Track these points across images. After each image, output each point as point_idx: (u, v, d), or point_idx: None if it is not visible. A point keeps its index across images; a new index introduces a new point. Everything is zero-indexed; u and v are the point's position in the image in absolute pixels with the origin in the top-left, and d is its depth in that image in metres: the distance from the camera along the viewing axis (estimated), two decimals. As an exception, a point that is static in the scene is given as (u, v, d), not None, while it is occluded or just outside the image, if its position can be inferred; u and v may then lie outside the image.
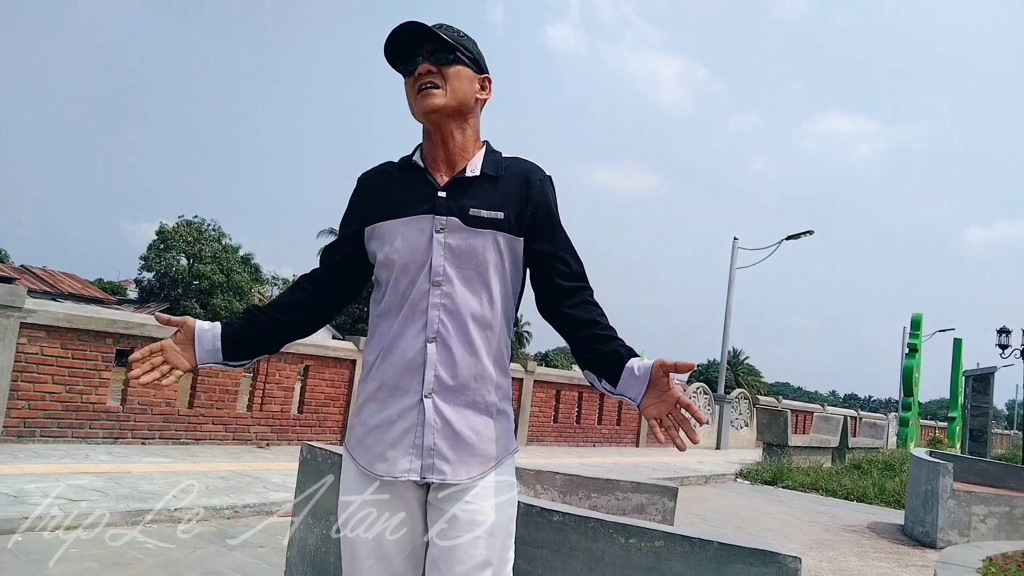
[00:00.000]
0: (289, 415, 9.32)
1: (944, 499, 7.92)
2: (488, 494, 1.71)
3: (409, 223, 1.74)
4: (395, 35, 1.73)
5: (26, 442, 7.10)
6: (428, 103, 1.71)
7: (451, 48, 1.73)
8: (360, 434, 1.77)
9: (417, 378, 1.70)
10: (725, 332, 19.15)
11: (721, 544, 2.50)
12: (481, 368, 1.73)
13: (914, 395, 19.16)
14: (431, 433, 1.69)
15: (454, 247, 1.72)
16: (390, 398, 1.73)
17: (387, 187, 1.82)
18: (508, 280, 1.78)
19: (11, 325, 6.96)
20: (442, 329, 1.71)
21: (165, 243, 46.90)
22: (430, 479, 1.69)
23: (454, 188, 1.75)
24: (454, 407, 1.71)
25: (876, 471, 12.81)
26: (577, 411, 14.48)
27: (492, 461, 1.74)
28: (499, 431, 1.77)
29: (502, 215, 1.74)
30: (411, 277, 1.73)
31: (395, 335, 1.73)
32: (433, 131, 1.78)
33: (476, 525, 1.67)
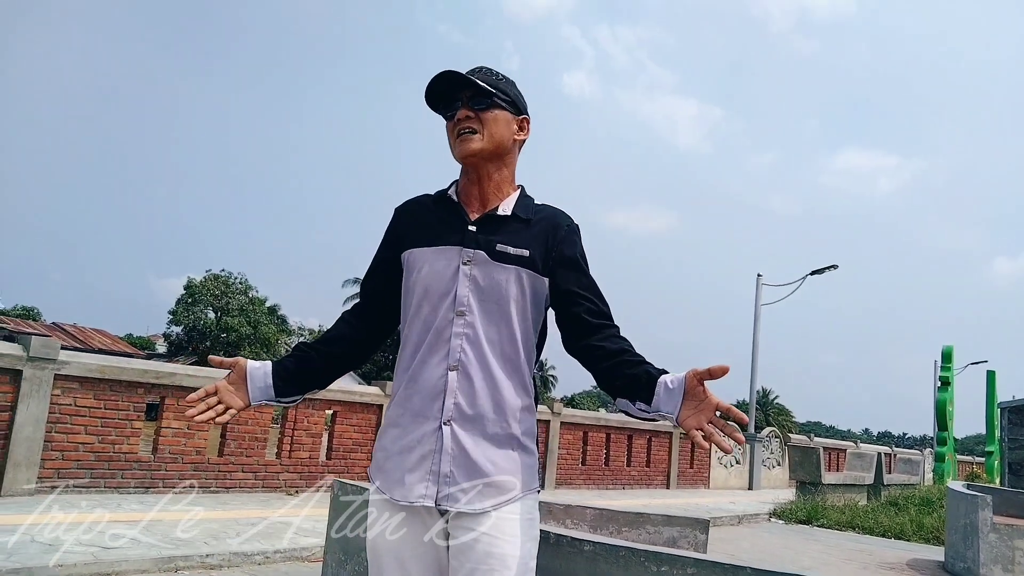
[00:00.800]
0: (318, 461, 9.34)
1: (985, 533, 7.74)
2: (505, 526, 1.71)
3: (438, 252, 1.79)
4: (434, 83, 1.80)
5: (59, 492, 7.17)
6: (466, 148, 1.79)
7: (488, 94, 1.80)
8: (381, 459, 1.81)
9: (437, 405, 1.73)
10: (753, 370, 18.98)
11: (754, 570, 2.48)
12: (501, 399, 1.75)
13: (949, 429, 18.77)
14: (447, 460, 1.71)
15: (479, 279, 1.76)
16: (411, 424, 1.76)
17: (421, 217, 1.89)
18: (528, 317, 1.81)
19: (46, 377, 7.09)
20: (463, 358, 1.74)
21: (193, 297, 47.51)
22: (444, 506, 1.70)
23: (485, 224, 1.81)
24: (472, 436, 1.73)
25: (913, 507, 12.52)
26: (605, 453, 14.36)
27: (510, 494, 1.73)
28: (519, 465, 1.77)
29: (527, 253, 1.79)
30: (434, 305, 1.78)
31: (419, 362, 1.78)
32: (471, 172, 1.85)
33: (491, 557, 1.67)
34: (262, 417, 8.78)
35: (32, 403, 7.00)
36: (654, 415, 1.70)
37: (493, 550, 1.67)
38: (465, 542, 1.69)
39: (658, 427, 15.87)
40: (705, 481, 16.82)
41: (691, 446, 16.52)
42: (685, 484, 16.09)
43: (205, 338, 46.60)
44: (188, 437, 8.11)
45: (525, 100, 1.92)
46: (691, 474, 16.42)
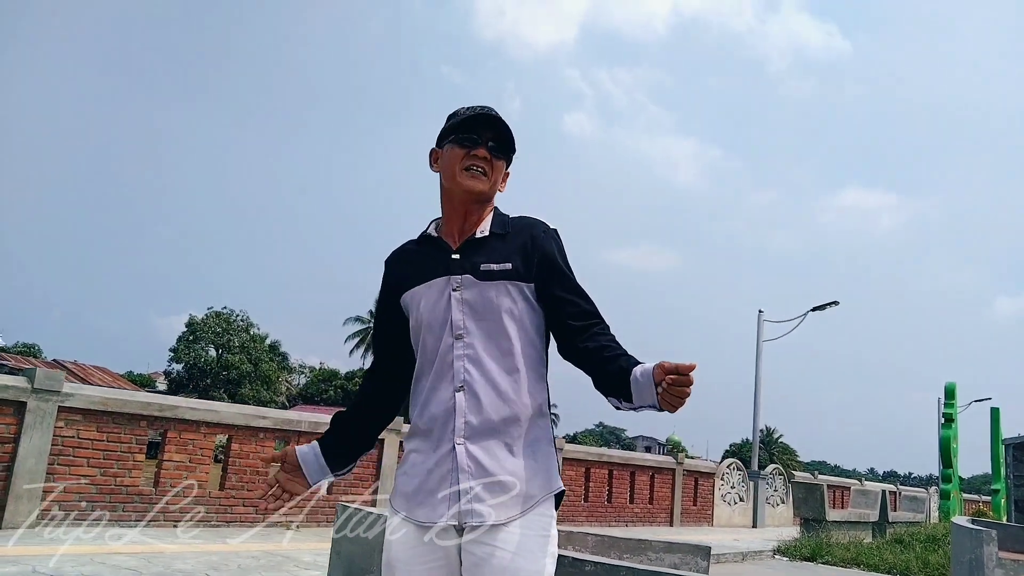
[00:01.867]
0: (318, 496, 9.31)
1: (990, 568, 7.67)
2: (522, 541, 1.73)
3: (430, 287, 1.87)
4: (475, 114, 1.90)
5: (61, 524, 7.15)
6: (473, 185, 1.87)
7: (509, 149, 1.92)
8: (402, 484, 1.86)
9: (450, 426, 1.79)
10: (756, 406, 18.92)
11: (754, 589, 2.50)
12: (508, 411, 1.80)
13: (954, 467, 18.63)
14: (466, 477, 1.75)
15: (470, 301, 1.83)
16: (429, 449, 1.82)
17: (409, 260, 1.97)
18: (527, 324, 1.87)
19: (49, 409, 7.11)
20: (467, 378, 1.80)
21: (194, 335, 47.54)
22: (469, 522, 1.73)
23: (466, 249, 1.88)
24: (485, 450, 1.77)
25: (919, 544, 12.40)
26: (608, 489, 14.26)
27: (530, 500, 1.76)
28: (535, 470, 1.80)
29: (511, 265, 1.85)
30: (436, 335, 1.84)
31: (430, 390, 1.85)
32: (458, 204, 1.91)
33: (506, 571, 1.69)
34: (262, 451, 8.78)
35: (35, 435, 7.02)
36: (643, 411, 1.75)
37: (509, 564, 1.69)
38: (482, 556, 1.71)
39: (661, 464, 15.78)
40: (709, 519, 16.68)
41: (694, 483, 16.42)
42: (689, 521, 15.96)
43: (206, 375, 46.53)
44: (190, 471, 8.10)
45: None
46: (695, 511, 16.29)
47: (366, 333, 55.74)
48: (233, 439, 8.56)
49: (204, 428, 8.26)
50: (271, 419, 8.91)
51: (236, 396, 43.45)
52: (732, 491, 17.31)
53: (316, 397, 51.61)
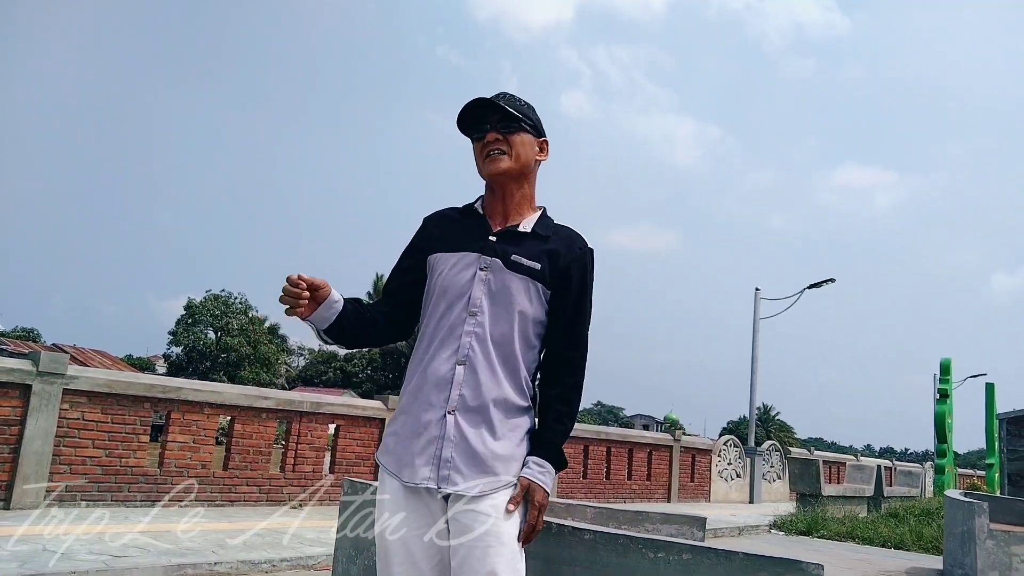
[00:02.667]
0: (321, 475, 9.43)
1: (982, 539, 7.83)
2: (501, 508, 1.85)
3: (460, 258, 1.97)
4: (466, 109, 1.97)
5: (68, 505, 7.27)
6: (495, 167, 1.96)
7: (515, 118, 1.97)
8: (391, 443, 1.97)
9: (444, 395, 1.89)
10: (752, 384, 19.08)
11: (746, 555, 2.60)
12: (502, 393, 1.91)
13: (948, 442, 18.82)
14: (449, 446, 1.86)
15: (492, 284, 1.93)
16: (420, 411, 1.92)
17: (447, 226, 2.06)
18: (536, 322, 1.98)
19: (54, 391, 7.20)
20: (471, 354, 1.90)
21: (193, 317, 47.67)
22: (444, 489, 1.84)
23: (504, 236, 1.98)
24: (473, 425, 1.88)
25: (913, 518, 12.59)
26: (606, 467, 14.42)
27: (506, 479, 1.88)
28: (515, 455, 1.92)
29: (539, 267, 1.95)
30: (450, 304, 1.94)
31: (431, 356, 1.94)
32: (496, 189, 2.03)
33: (488, 535, 1.81)
34: (266, 431, 8.88)
35: (41, 417, 7.11)
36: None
37: (491, 528, 1.81)
38: (465, 522, 1.83)
39: (659, 440, 15.94)
40: (706, 495, 16.87)
41: (692, 460, 16.60)
42: (686, 497, 16.14)
43: (205, 358, 46.68)
44: (194, 451, 8.21)
45: (543, 126, 2.09)
46: (692, 487, 16.47)
47: (364, 315, 55.81)
48: (236, 420, 8.66)
49: (208, 409, 8.36)
50: (273, 400, 9.01)
51: (236, 378, 43.57)
52: (729, 467, 17.49)
53: (315, 379, 51.79)
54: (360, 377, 51.11)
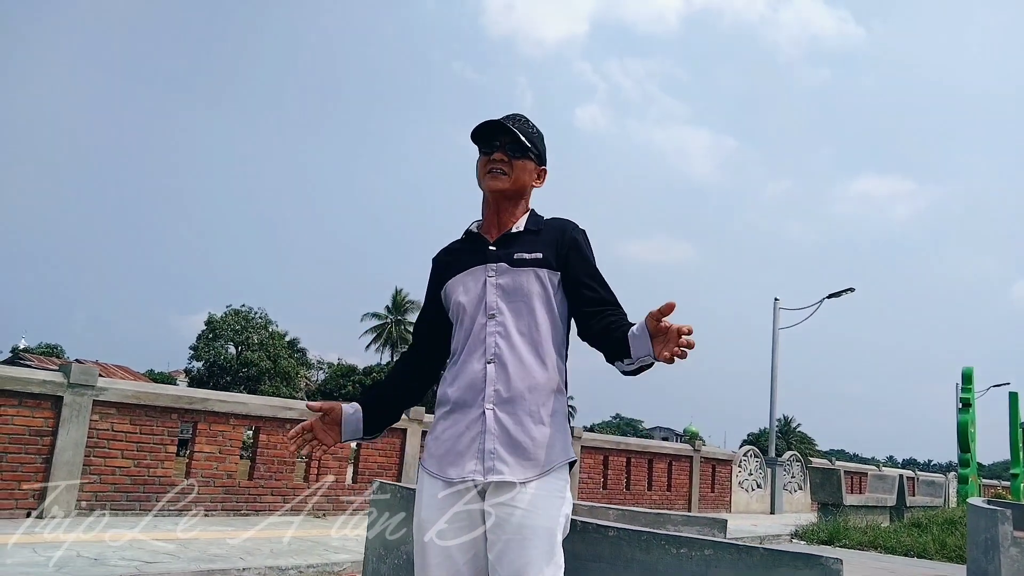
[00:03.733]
0: (344, 485, 9.54)
1: (1006, 547, 7.78)
2: (539, 502, 1.93)
3: (469, 274, 2.12)
4: (482, 127, 2.12)
5: (97, 515, 7.41)
6: (494, 185, 2.11)
7: (524, 148, 2.12)
8: (433, 448, 2.07)
9: (480, 394, 2.01)
10: (772, 393, 19.03)
11: (766, 550, 2.67)
12: (533, 382, 2.02)
13: (972, 451, 18.63)
14: (491, 439, 1.96)
15: (504, 285, 2.07)
16: (459, 414, 2.03)
17: (453, 256, 2.22)
18: (554, 307, 2.10)
19: (85, 403, 7.37)
20: (498, 351, 2.02)
21: (214, 332, 48.08)
22: (491, 479, 1.93)
23: (502, 242, 2.13)
24: (511, 416, 1.98)
25: (936, 527, 12.51)
26: (626, 478, 14.44)
27: (548, 464, 1.98)
28: (554, 439, 2.01)
29: (541, 255, 2.09)
30: (471, 314, 2.08)
31: (463, 363, 2.07)
32: (491, 202, 2.17)
33: (524, 527, 1.89)
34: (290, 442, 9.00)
35: (72, 428, 7.27)
36: (638, 364, 1.91)
37: (527, 521, 1.89)
38: (501, 516, 1.91)
39: (679, 451, 15.93)
40: (727, 505, 16.82)
41: (712, 470, 16.56)
42: (707, 508, 16.10)
43: (226, 372, 47.03)
44: (219, 461, 8.34)
45: (545, 153, 2.23)
46: (712, 498, 16.43)
47: (383, 329, 56.14)
48: (261, 430, 8.80)
49: (233, 420, 8.50)
50: (297, 411, 9.13)
51: (256, 393, 43.83)
52: (750, 478, 17.44)
53: (335, 393, 52.01)
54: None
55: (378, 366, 53.32)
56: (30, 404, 7.10)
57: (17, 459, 6.99)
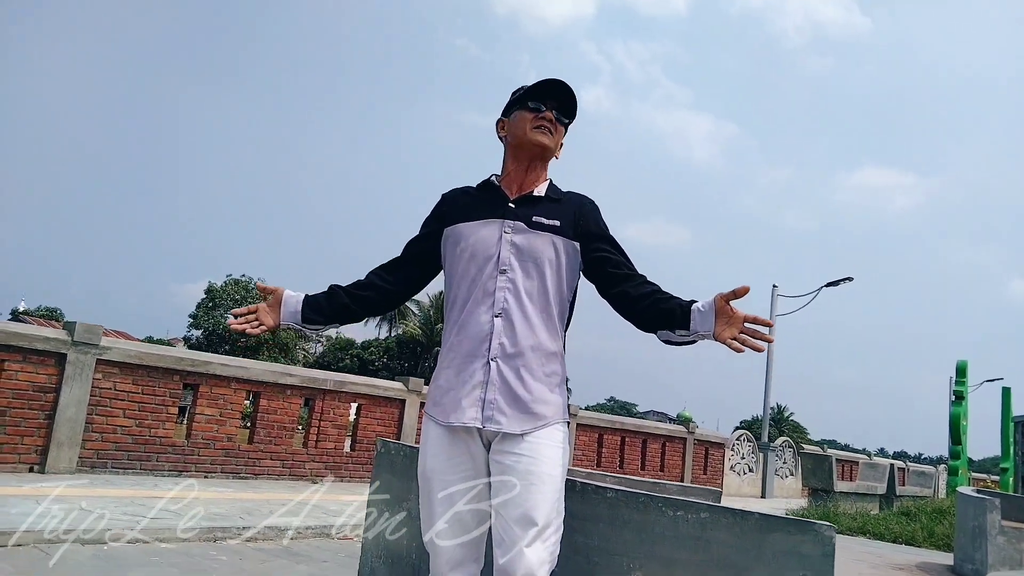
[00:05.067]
0: (342, 452, 9.64)
1: (993, 535, 7.91)
2: (543, 450, 2.02)
3: (484, 224, 2.16)
4: (551, 81, 2.18)
5: (98, 472, 7.50)
6: (540, 139, 2.18)
7: (572, 116, 2.24)
8: (437, 395, 2.15)
9: (485, 345, 2.07)
10: (767, 381, 19.15)
11: (761, 515, 2.74)
12: (536, 340, 2.09)
13: (963, 444, 18.78)
14: (492, 389, 2.04)
15: (518, 244, 2.12)
16: (464, 363, 2.10)
17: (466, 199, 2.26)
18: (563, 275, 2.16)
19: (88, 361, 7.43)
20: (506, 306, 2.08)
21: (213, 301, 48.13)
22: (489, 427, 2.02)
23: (522, 202, 2.19)
24: (513, 370, 2.05)
25: (925, 516, 12.65)
26: (620, 457, 14.56)
27: (544, 420, 2.06)
28: (552, 397, 2.10)
29: (559, 223, 2.16)
30: (480, 266, 2.12)
31: (468, 312, 2.12)
32: (523, 159, 2.22)
33: (531, 474, 1.98)
34: (291, 407, 9.09)
35: (75, 386, 7.34)
36: (693, 337, 2.03)
37: (533, 468, 1.99)
38: (507, 463, 2.00)
39: (673, 432, 16.06)
40: (718, 488, 16.96)
41: (705, 453, 16.70)
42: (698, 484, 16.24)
43: (224, 341, 47.14)
44: (220, 424, 8.43)
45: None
46: (704, 480, 16.58)
47: (381, 303, 56.15)
48: (261, 395, 8.88)
49: (234, 384, 8.58)
50: (298, 377, 9.22)
51: (253, 363, 43.92)
52: (742, 462, 17.59)
53: (332, 365, 52.13)
54: (376, 365, 51.42)
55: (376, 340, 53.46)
56: (34, 360, 7.17)
57: (20, 414, 7.07)
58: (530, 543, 1.93)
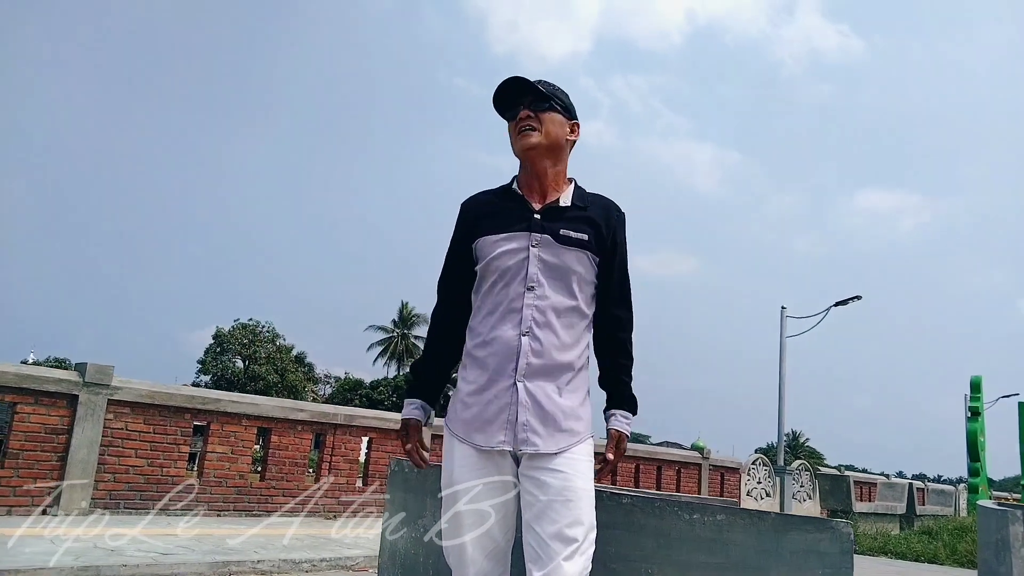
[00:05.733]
0: (354, 487, 9.58)
1: (1017, 548, 7.75)
2: (576, 465, 2.00)
3: (509, 238, 2.09)
4: (502, 88, 2.13)
5: (111, 512, 7.47)
6: (526, 142, 2.10)
7: (546, 98, 2.12)
8: (460, 410, 2.09)
9: (512, 364, 2.02)
10: (780, 400, 18.98)
11: (778, 515, 2.73)
12: (565, 358, 2.06)
13: (981, 460, 18.59)
14: (523, 411, 2.00)
15: (546, 259, 2.06)
16: (488, 381, 2.04)
17: (488, 209, 2.18)
18: (587, 289, 2.14)
19: (100, 402, 7.45)
20: (533, 325, 2.04)
21: (222, 346, 48.22)
22: (524, 450, 1.98)
23: (548, 213, 2.11)
24: (542, 390, 2.02)
25: (947, 534, 12.49)
26: (634, 484, 14.42)
27: (576, 437, 2.04)
28: (581, 412, 2.08)
29: (587, 237, 2.10)
30: (508, 281, 2.07)
31: (493, 327, 2.07)
32: (530, 165, 2.14)
33: (567, 490, 1.95)
34: (302, 443, 9.07)
35: (87, 426, 7.35)
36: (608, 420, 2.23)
37: (568, 484, 1.97)
38: (542, 479, 1.97)
39: (687, 458, 15.93)
40: (735, 514, 16.78)
41: (720, 478, 16.55)
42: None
43: (233, 386, 47.12)
44: (231, 461, 8.40)
45: (575, 109, 2.24)
46: (721, 507, 16.41)
47: (389, 342, 56.20)
48: (272, 431, 8.86)
49: (245, 421, 8.57)
50: (308, 412, 9.20)
51: (263, 406, 43.84)
52: (758, 486, 17.40)
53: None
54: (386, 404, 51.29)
55: (385, 380, 53.34)
56: (46, 402, 7.19)
57: (33, 456, 7.07)
58: (568, 557, 1.91)
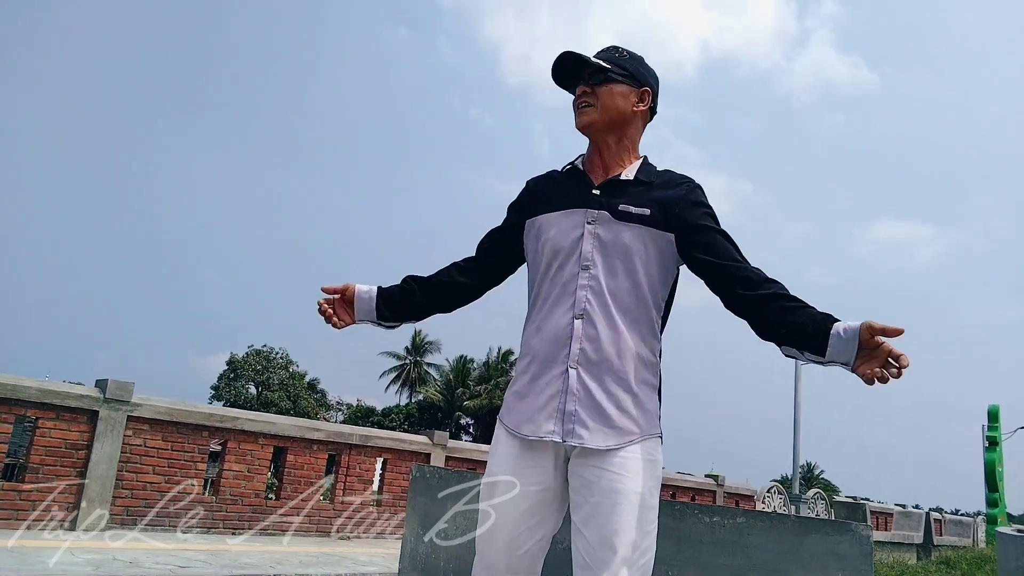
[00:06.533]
0: (369, 507, 9.59)
1: (1036, 574, 7.70)
2: (628, 464, 1.79)
3: (565, 215, 1.95)
4: (556, 65, 2.00)
5: (128, 528, 7.51)
6: (580, 120, 1.98)
7: (603, 69, 1.96)
8: (512, 402, 1.95)
9: (564, 351, 1.86)
10: (795, 426, 18.87)
11: (798, 518, 2.76)
12: (623, 346, 1.85)
13: (1000, 491, 18.38)
14: (573, 400, 1.82)
15: (603, 237, 1.89)
16: (540, 369, 1.90)
17: (549, 187, 2.06)
18: (654, 271, 1.91)
19: (119, 418, 7.52)
20: (588, 307, 1.86)
21: (235, 372, 48.46)
22: (570, 442, 1.81)
23: (608, 188, 1.95)
24: (596, 379, 1.84)
25: (966, 563, 12.32)
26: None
27: (632, 436, 1.82)
28: (639, 410, 1.85)
29: (649, 212, 1.90)
30: (561, 262, 1.92)
31: (547, 313, 1.92)
32: (590, 142, 2.03)
33: (615, 492, 1.75)
34: (317, 463, 9.10)
35: (106, 442, 7.41)
36: (827, 365, 1.73)
37: (617, 485, 1.76)
38: (590, 478, 1.79)
39: (701, 485, 15.82)
40: (750, 543, 16.61)
41: (735, 505, 16.42)
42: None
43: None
44: (248, 480, 8.44)
45: (650, 74, 2.04)
46: (736, 535, 16.26)
47: (401, 369, 56.23)
48: (288, 451, 8.90)
49: (262, 439, 8.62)
50: (324, 432, 9.24)
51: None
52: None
53: (353, 433, 51.96)
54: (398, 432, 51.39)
55: (396, 407, 53.33)
56: (67, 418, 7.26)
57: (53, 471, 7.13)
58: (619, 568, 1.72)
